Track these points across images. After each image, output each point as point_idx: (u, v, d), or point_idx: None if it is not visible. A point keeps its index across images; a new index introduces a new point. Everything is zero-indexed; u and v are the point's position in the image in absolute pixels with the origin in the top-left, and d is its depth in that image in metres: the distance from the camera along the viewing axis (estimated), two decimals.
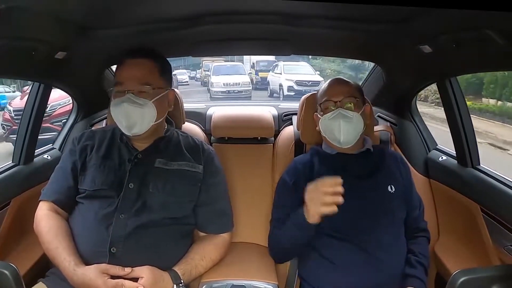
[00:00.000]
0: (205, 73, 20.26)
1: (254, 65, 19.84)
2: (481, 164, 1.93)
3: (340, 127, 1.73)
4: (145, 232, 1.56)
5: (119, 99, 1.62)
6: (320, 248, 1.70)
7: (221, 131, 2.33)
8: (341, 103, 1.76)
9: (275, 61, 17.53)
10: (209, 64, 19.54)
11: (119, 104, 1.61)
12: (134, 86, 1.63)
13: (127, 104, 1.59)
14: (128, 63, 1.66)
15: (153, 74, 1.67)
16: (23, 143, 2.00)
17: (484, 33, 1.30)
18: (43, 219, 1.61)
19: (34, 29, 1.45)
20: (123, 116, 1.61)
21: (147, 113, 1.62)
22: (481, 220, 1.78)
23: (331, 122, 1.76)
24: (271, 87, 16.66)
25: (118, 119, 1.63)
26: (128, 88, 1.62)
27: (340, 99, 1.77)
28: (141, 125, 1.63)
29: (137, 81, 1.63)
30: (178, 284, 1.51)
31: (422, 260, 1.70)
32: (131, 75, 1.64)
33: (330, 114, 1.76)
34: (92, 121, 2.41)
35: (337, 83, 1.85)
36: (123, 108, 1.60)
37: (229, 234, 1.78)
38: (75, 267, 1.46)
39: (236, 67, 17.59)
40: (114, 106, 1.63)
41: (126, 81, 1.63)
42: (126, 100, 1.60)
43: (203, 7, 1.60)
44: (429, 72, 1.97)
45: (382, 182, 1.77)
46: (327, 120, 1.77)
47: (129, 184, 1.61)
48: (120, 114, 1.61)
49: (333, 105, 1.78)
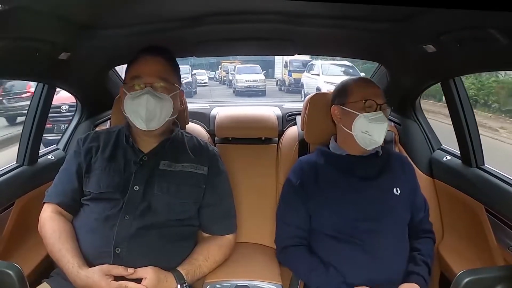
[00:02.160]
0: (224, 73, 23.03)
1: (287, 64, 19.09)
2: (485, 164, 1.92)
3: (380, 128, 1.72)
4: (149, 233, 1.56)
5: (138, 92, 1.61)
6: (323, 250, 1.70)
7: (225, 132, 2.33)
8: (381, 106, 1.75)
9: (309, 61, 16.91)
10: (228, 66, 21.84)
11: (140, 96, 1.60)
12: (153, 80, 1.63)
13: (149, 96, 1.59)
14: (146, 59, 1.67)
15: (169, 71, 1.69)
16: (27, 144, 2.00)
17: (487, 32, 1.30)
18: (47, 222, 1.61)
19: (37, 29, 1.46)
20: (143, 108, 1.59)
21: (165, 107, 1.63)
22: (486, 220, 1.77)
23: (372, 123, 1.72)
24: (305, 90, 15.04)
25: (137, 111, 1.61)
26: (147, 82, 1.62)
27: (382, 102, 1.76)
28: (159, 119, 1.63)
29: (156, 75, 1.64)
30: (181, 284, 1.51)
31: (426, 260, 1.69)
32: (151, 69, 1.64)
33: (373, 114, 1.73)
34: (96, 122, 2.41)
35: (373, 85, 1.84)
36: (144, 100, 1.59)
37: (233, 235, 1.77)
38: (78, 269, 1.46)
39: (254, 68, 19.39)
40: (132, 99, 1.61)
41: (145, 75, 1.63)
42: (147, 92, 1.59)
43: (206, 7, 1.60)
44: (433, 72, 1.97)
45: (388, 184, 1.76)
46: (368, 120, 1.73)
47: (134, 187, 1.61)
48: (140, 107, 1.59)
49: (375, 106, 1.75)
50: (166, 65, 1.69)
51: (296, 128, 2.32)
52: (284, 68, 19.51)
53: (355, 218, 1.68)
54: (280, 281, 1.71)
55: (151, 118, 1.60)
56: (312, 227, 1.77)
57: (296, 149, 2.19)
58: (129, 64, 1.71)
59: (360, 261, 1.63)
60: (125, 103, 1.64)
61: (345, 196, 1.72)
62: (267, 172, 2.21)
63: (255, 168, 2.22)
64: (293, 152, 2.19)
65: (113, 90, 2.36)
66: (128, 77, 1.67)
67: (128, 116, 1.64)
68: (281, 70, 20.07)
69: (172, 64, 1.72)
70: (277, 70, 22.01)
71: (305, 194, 1.77)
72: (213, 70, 25.44)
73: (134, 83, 1.64)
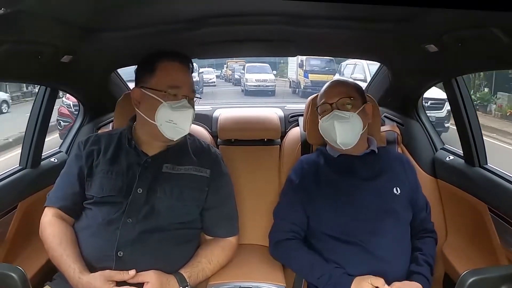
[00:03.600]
0: (230, 72, 23.94)
1: (303, 64, 17.49)
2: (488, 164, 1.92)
3: (335, 128, 1.74)
4: (152, 236, 1.56)
5: (179, 103, 1.62)
6: (325, 251, 1.70)
7: (227, 133, 2.33)
8: (336, 105, 1.78)
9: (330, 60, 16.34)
10: (233, 65, 22.38)
11: (182, 109, 1.62)
12: (189, 93, 1.68)
13: (192, 110, 1.64)
14: (180, 67, 1.68)
15: (193, 82, 1.73)
16: (30, 147, 2.01)
17: (489, 31, 1.29)
18: (48, 226, 1.60)
19: (40, 33, 1.46)
20: (187, 121, 1.63)
21: (191, 118, 1.65)
22: (489, 220, 1.76)
23: (327, 124, 1.77)
24: None
25: (178, 122, 1.62)
26: (185, 94, 1.65)
27: (336, 100, 1.78)
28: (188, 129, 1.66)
29: (191, 88, 1.68)
30: (184, 286, 1.51)
31: (428, 260, 1.69)
32: (187, 81, 1.68)
33: (326, 117, 1.78)
34: (98, 124, 2.41)
35: (333, 85, 1.88)
36: (189, 114, 1.63)
37: (236, 237, 1.77)
38: (80, 274, 1.46)
39: (263, 67, 19.51)
40: (173, 109, 1.61)
41: (183, 86, 1.65)
42: (189, 106, 1.64)
43: (207, 9, 1.60)
44: (435, 72, 1.96)
45: (388, 184, 1.76)
46: (324, 122, 1.79)
47: (137, 189, 1.61)
48: (182, 119, 1.62)
49: (329, 107, 1.79)
50: (191, 76, 1.73)
51: (298, 129, 2.32)
52: (299, 68, 18.27)
53: (355, 218, 1.68)
54: (284, 282, 1.71)
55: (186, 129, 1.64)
56: (312, 227, 1.77)
57: (298, 151, 2.19)
58: (153, 67, 1.67)
59: (361, 261, 1.63)
60: (160, 111, 1.61)
61: (344, 197, 1.72)
62: (269, 174, 2.21)
63: (257, 170, 2.22)
64: (296, 153, 2.19)
65: (115, 92, 2.36)
66: (161, 84, 1.64)
67: (160, 124, 1.62)
68: (296, 70, 19.01)
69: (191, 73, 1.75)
70: (291, 69, 20.92)
71: (305, 193, 1.78)
72: (219, 69, 25.86)
73: (173, 93, 1.64)
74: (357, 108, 1.78)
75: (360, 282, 1.55)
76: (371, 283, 1.53)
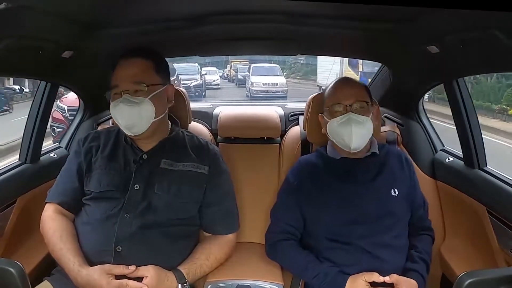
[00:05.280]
0: (233, 72, 21.12)
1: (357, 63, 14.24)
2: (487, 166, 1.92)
3: (351, 132, 1.67)
4: (149, 232, 1.57)
5: (116, 101, 1.62)
6: (323, 251, 1.70)
7: (227, 131, 2.33)
8: (352, 107, 1.71)
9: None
10: (237, 65, 20.22)
11: (116, 106, 1.61)
12: (128, 86, 1.62)
13: (123, 105, 1.59)
14: (121, 64, 1.66)
15: (146, 71, 1.66)
16: (29, 142, 2.01)
17: (491, 33, 1.29)
18: (48, 221, 1.62)
19: (41, 28, 1.46)
20: (121, 117, 1.61)
21: (144, 111, 1.61)
22: (488, 222, 1.77)
23: (341, 127, 1.70)
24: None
25: (117, 120, 1.63)
26: (123, 89, 1.62)
27: (352, 102, 1.71)
28: (140, 124, 1.62)
29: (131, 80, 1.63)
30: (182, 283, 1.52)
31: (424, 257, 1.69)
32: (125, 75, 1.64)
33: (339, 119, 1.70)
34: (98, 120, 2.41)
35: (347, 85, 1.79)
36: (120, 109, 1.60)
37: (234, 235, 1.77)
38: (79, 267, 1.47)
39: (272, 68, 17.09)
40: (112, 108, 1.63)
41: (120, 82, 1.63)
42: (122, 101, 1.60)
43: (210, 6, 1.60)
44: (436, 73, 1.96)
45: (385, 185, 1.75)
46: (337, 124, 1.71)
47: (134, 186, 1.61)
48: (118, 115, 1.61)
49: (343, 109, 1.72)
50: (143, 65, 1.67)
51: (298, 128, 2.32)
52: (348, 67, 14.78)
53: (353, 221, 1.68)
54: (282, 281, 1.71)
55: (132, 124, 1.61)
56: (310, 230, 1.77)
57: (298, 149, 2.19)
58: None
59: (359, 262, 1.63)
60: (112, 112, 1.65)
61: (342, 199, 1.72)
62: (269, 172, 2.21)
63: (257, 168, 2.22)
64: (296, 152, 2.19)
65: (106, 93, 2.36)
66: (111, 85, 1.67)
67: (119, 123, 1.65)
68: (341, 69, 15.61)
69: (151, 62, 1.68)
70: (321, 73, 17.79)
71: (302, 195, 1.77)
72: (221, 69, 24.19)
73: (113, 92, 1.65)
74: (369, 112, 1.73)
75: (355, 280, 1.55)
76: (365, 280, 1.53)
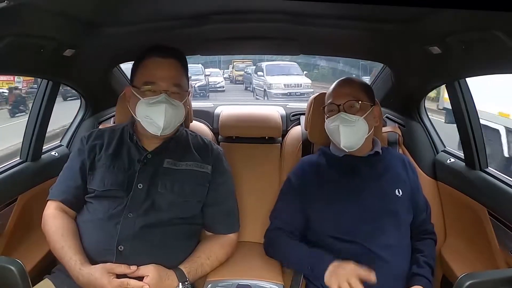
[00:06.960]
0: (237, 73, 19.81)
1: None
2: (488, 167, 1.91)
3: (339, 131, 1.72)
4: (152, 231, 1.57)
5: (155, 99, 1.59)
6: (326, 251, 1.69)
7: (228, 130, 2.33)
8: (343, 107, 1.74)
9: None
10: (239, 65, 19.14)
11: (157, 104, 1.59)
12: (168, 87, 1.62)
13: (167, 106, 1.58)
14: (159, 62, 1.64)
15: (182, 75, 1.67)
16: (30, 140, 2.01)
17: (493, 34, 1.29)
18: (50, 219, 1.61)
19: (43, 26, 1.46)
20: (160, 116, 1.58)
21: (179, 115, 1.64)
22: (488, 223, 1.76)
23: (333, 126, 1.75)
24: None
25: (153, 118, 1.60)
26: (163, 89, 1.60)
27: (343, 102, 1.74)
28: (174, 126, 1.65)
29: (171, 82, 1.62)
30: (183, 282, 1.52)
31: (429, 261, 1.69)
32: (165, 75, 1.62)
33: (332, 118, 1.76)
34: (100, 119, 2.42)
35: (342, 85, 1.83)
36: (162, 109, 1.58)
37: (236, 234, 1.78)
38: (80, 266, 1.47)
39: (289, 67, 14.95)
40: (148, 105, 1.60)
41: (160, 81, 1.61)
42: (165, 102, 1.58)
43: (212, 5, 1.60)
44: (438, 74, 1.95)
45: (390, 185, 1.76)
46: (330, 123, 1.77)
47: (138, 185, 1.61)
48: (157, 114, 1.59)
49: (336, 108, 1.76)
50: (179, 68, 1.67)
51: (300, 128, 2.32)
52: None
53: (357, 219, 1.68)
54: (282, 280, 1.70)
55: (167, 126, 1.61)
56: (314, 228, 1.77)
57: (299, 149, 2.19)
58: (138, 64, 1.68)
59: (361, 261, 1.62)
60: (138, 108, 1.62)
61: (346, 198, 1.72)
62: (270, 172, 2.21)
63: (258, 168, 2.22)
64: (297, 152, 2.19)
65: (117, 87, 2.36)
66: (139, 81, 1.64)
67: (140, 120, 1.63)
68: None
69: (183, 66, 1.69)
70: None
71: (305, 196, 1.77)
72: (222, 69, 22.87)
73: (148, 89, 1.62)
74: (365, 111, 1.75)
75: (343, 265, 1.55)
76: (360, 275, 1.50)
